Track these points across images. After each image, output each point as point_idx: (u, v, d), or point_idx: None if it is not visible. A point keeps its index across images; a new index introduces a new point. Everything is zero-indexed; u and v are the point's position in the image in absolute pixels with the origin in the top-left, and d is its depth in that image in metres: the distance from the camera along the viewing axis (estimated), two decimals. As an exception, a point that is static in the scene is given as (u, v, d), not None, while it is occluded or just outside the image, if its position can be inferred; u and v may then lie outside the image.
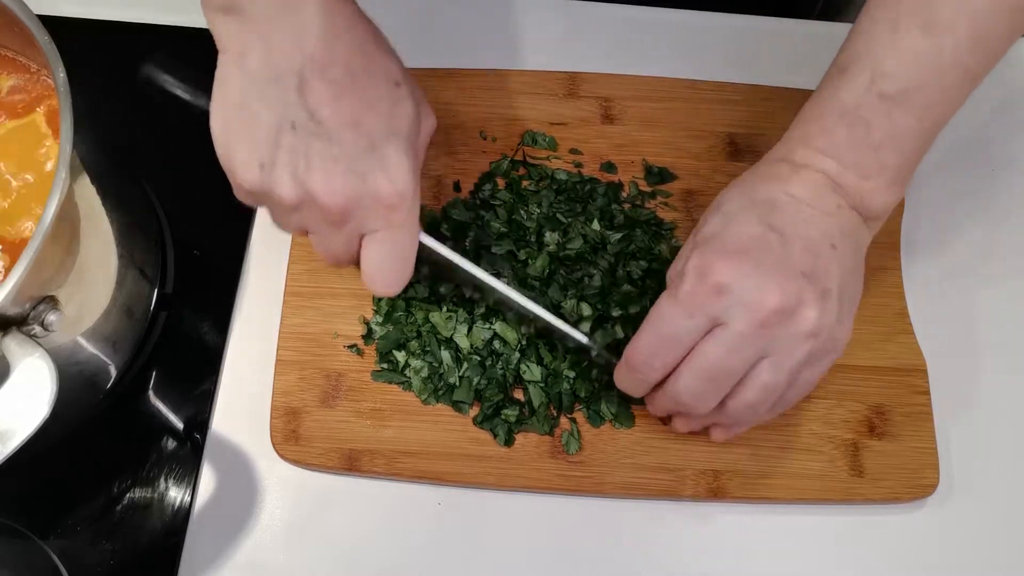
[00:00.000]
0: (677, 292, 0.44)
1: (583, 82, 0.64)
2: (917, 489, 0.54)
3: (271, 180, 0.43)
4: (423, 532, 0.53)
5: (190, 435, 0.55)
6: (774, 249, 0.44)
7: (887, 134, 0.45)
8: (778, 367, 0.44)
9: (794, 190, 0.46)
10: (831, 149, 0.46)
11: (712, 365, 0.44)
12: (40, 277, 0.43)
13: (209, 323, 0.58)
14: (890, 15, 0.44)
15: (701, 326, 0.44)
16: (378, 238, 0.46)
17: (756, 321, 0.43)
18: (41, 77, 0.52)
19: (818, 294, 0.44)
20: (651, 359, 0.46)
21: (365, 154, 0.43)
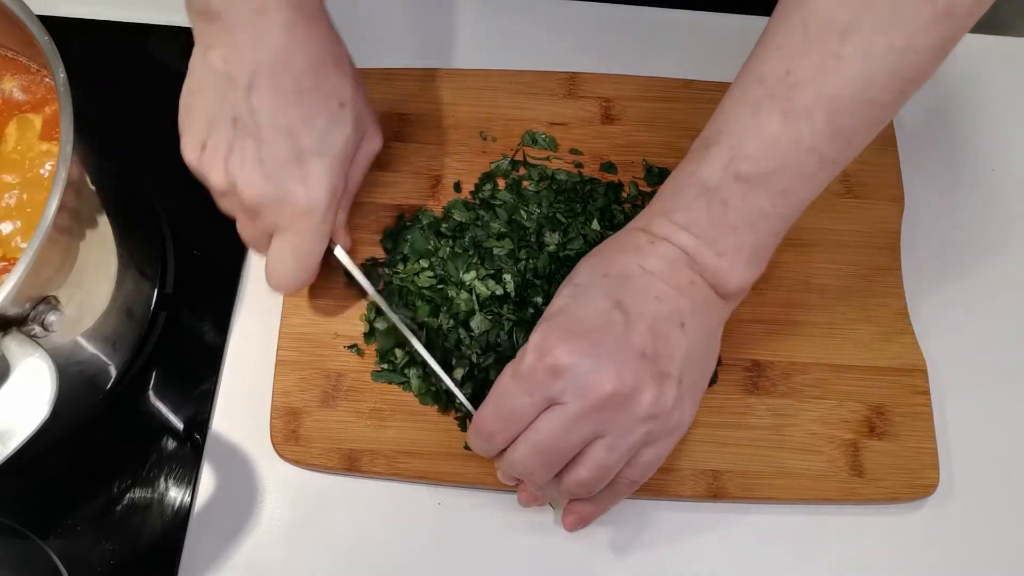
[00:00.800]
0: (518, 368, 0.44)
1: (583, 82, 0.64)
2: (917, 489, 0.54)
3: (207, 163, 0.49)
4: (423, 532, 0.53)
5: (190, 435, 0.55)
6: (616, 330, 0.43)
7: (743, 216, 0.45)
8: (612, 447, 0.44)
9: (649, 264, 0.45)
10: (690, 225, 0.45)
11: (544, 441, 0.44)
12: (40, 277, 0.43)
13: (209, 323, 0.58)
14: (753, 96, 0.44)
15: (538, 403, 0.44)
16: (283, 237, 0.50)
17: (589, 404, 0.43)
18: (41, 78, 0.52)
19: (657, 377, 0.43)
20: (494, 431, 0.46)
21: (290, 163, 0.48)
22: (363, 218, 0.59)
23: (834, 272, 0.58)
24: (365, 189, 0.60)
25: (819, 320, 0.57)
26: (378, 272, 0.57)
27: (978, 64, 0.67)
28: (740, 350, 0.56)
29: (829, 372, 0.56)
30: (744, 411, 0.55)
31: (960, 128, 0.65)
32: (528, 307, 0.55)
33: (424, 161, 0.61)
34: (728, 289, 0.46)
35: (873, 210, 0.60)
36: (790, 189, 0.44)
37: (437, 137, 0.62)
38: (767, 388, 0.56)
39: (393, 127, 0.62)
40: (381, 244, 0.58)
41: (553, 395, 0.43)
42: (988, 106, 0.66)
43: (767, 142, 0.43)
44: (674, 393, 0.44)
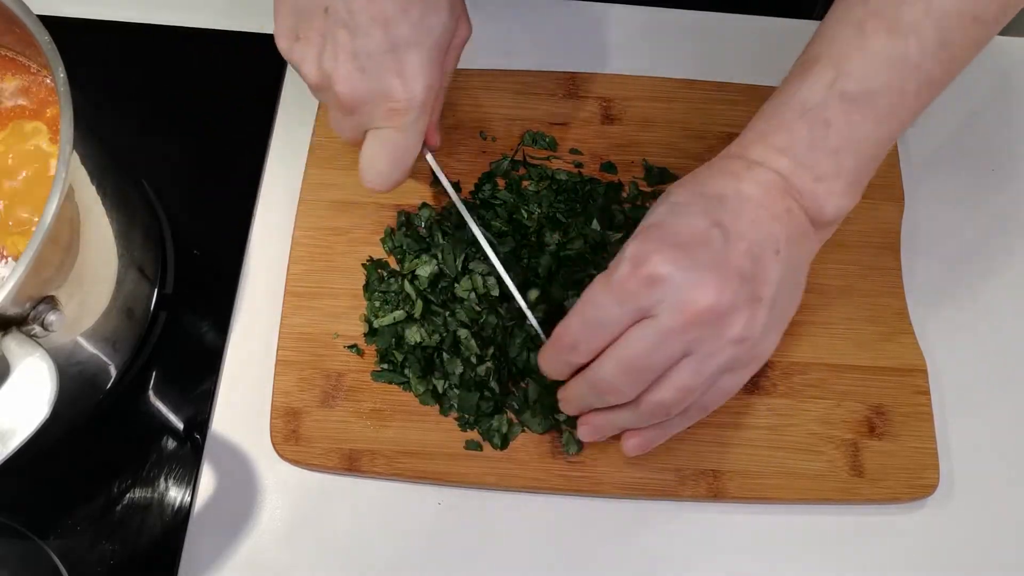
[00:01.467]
0: (610, 277, 0.43)
1: (583, 82, 0.64)
2: (917, 489, 0.54)
3: (299, 55, 0.47)
4: (423, 532, 0.53)
5: (190, 435, 0.55)
6: (715, 246, 0.42)
7: (846, 136, 0.44)
8: (699, 369, 0.43)
9: (745, 188, 0.44)
10: (788, 147, 0.44)
11: (634, 356, 0.43)
12: (40, 277, 0.43)
13: (209, 323, 0.58)
14: (856, 15, 0.44)
15: (630, 315, 0.43)
16: (378, 134, 0.48)
17: (684, 318, 0.42)
18: (42, 78, 0.52)
19: (752, 300, 0.43)
20: (578, 342, 0.44)
21: (386, 55, 0.45)
22: (363, 218, 0.59)
23: (834, 272, 0.58)
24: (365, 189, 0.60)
25: (819, 320, 0.57)
26: (457, 185, 0.56)
27: (979, 64, 0.67)
28: (740, 350, 0.56)
29: (829, 372, 0.56)
30: (744, 411, 0.55)
31: (961, 128, 0.65)
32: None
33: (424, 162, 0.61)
34: (824, 217, 0.45)
35: (873, 210, 0.60)
36: (894, 109, 0.44)
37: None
38: (767, 388, 0.55)
39: None
40: (381, 243, 0.58)
41: (647, 306, 0.42)
42: (989, 106, 0.66)
43: (873, 59, 0.43)
44: (765, 319, 0.43)
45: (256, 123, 0.64)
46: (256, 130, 0.64)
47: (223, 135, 0.64)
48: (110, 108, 0.61)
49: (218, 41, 0.66)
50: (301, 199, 0.60)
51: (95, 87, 0.51)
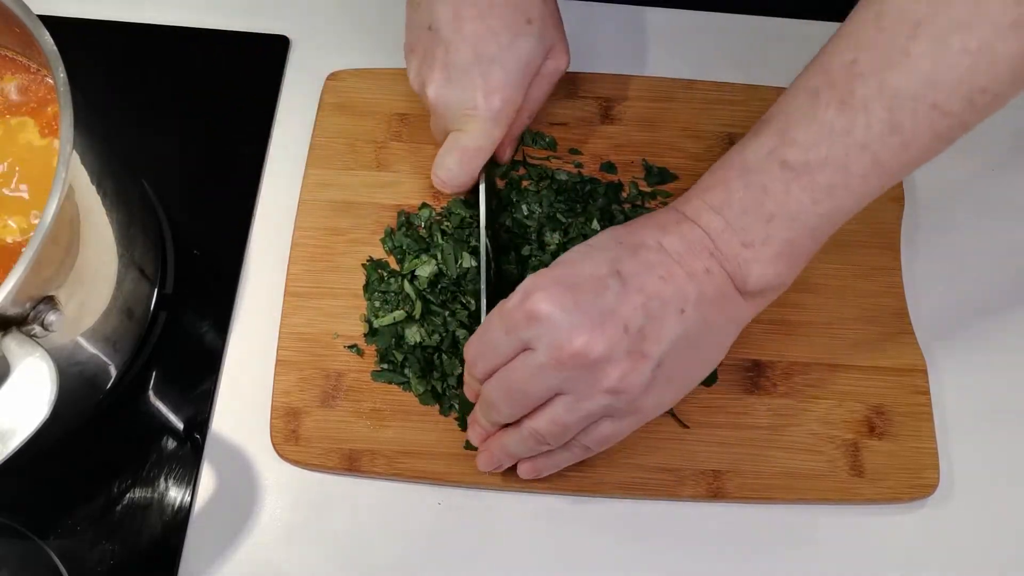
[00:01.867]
0: (504, 305, 0.45)
1: (583, 82, 0.64)
2: (917, 489, 0.54)
3: (408, 62, 0.56)
4: (423, 532, 0.53)
5: (190, 435, 0.55)
6: (606, 296, 0.43)
7: (781, 206, 0.43)
8: (571, 408, 0.44)
9: (667, 242, 0.44)
10: (723, 207, 0.44)
11: (513, 381, 0.45)
12: (40, 277, 0.43)
13: (209, 323, 0.58)
14: (814, 84, 0.43)
15: (514, 343, 0.44)
16: (454, 135, 0.55)
17: (556, 358, 0.43)
18: (42, 78, 0.52)
19: (633, 355, 0.43)
20: (475, 359, 0.47)
21: (471, 69, 0.52)
22: (363, 218, 0.59)
23: (834, 272, 0.58)
24: (365, 189, 0.60)
25: (819, 320, 0.57)
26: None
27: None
28: (740, 350, 0.56)
29: (829, 372, 0.56)
30: (744, 411, 0.55)
31: (960, 128, 0.65)
32: None
33: (424, 161, 0.61)
34: (748, 284, 0.45)
35: (873, 210, 0.59)
36: (836, 187, 0.42)
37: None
38: (767, 388, 0.56)
39: (393, 127, 0.62)
40: (381, 244, 0.58)
41: (527, 339, 0.44)
42: (988, 106, 0.66)
43: (819, 130, 0.42)
44: (647, 376, 0.43)
45: (256, 123, 0.64)
46: (256, 130, 0.64)
47: (223, 135, 0.64)
48: (110, 108, 0.61)
49: (218, 41, 0.66)
50: (301, 199, 0.60)
51: (95, 87, 0.50)
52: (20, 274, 0.40)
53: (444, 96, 0.53)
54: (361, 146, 0.61)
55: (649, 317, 0.43)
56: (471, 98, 0.52)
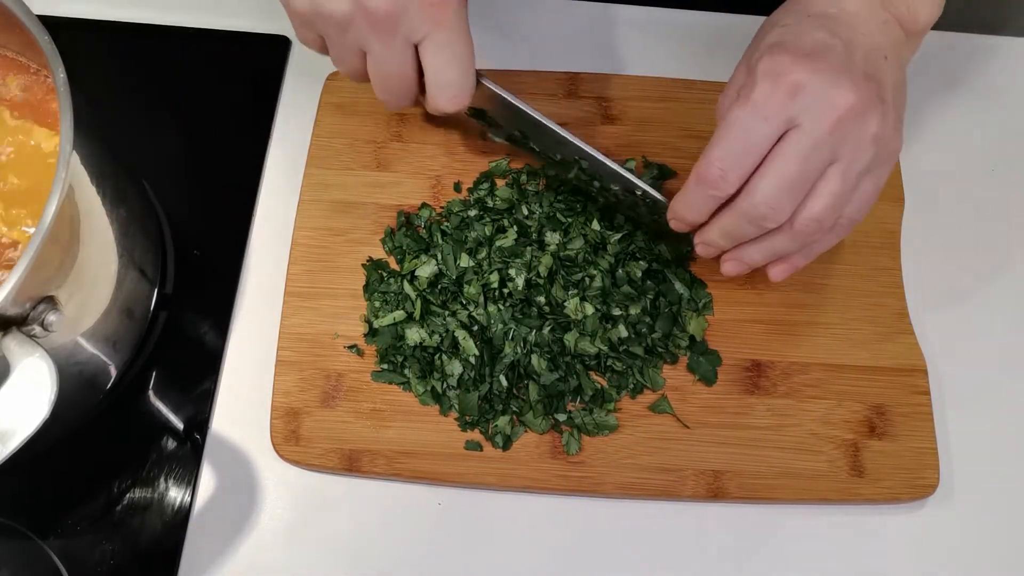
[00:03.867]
0: (750, 97, 0.44)
1: (583, 82, 0.64)
2: (917, 489, 0.54)
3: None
4: (423, 532, 0.53)
5: (190, 435, 0.55)
6: (839, 53, 0.44)
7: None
8: (846, 173, 0.44)
9: (847, 5, 0.47)
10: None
11: (788, 169, 0.44)
12: (40, 277, 0.43)
13: (209, 323, 0.58)
14: None
15: (776, 130, 0.44)
16: (434, 42, 0.47)
17: (830, 121, 0.43)
18: (42, 78, 0.52)
19: (879, 100, 0.44)
20: (726, 171, 0.45)
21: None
22: (363, 218, 0.59)
23: (834, 272, 0.58)
24: (365, 189, 0.60)
25: (819, 320, 0.57)
26: None
27: (978, 63, 0.67)
28: (740, 350, 0.56)
29: (829, 372, 0.56)
30: (744, 411, 0.55)
31: (960, 128, 0.65)
32: (532, 306, 0.56)
33: (424, 161, 0.61)
34: (919, 23, 0.48)
35: (873, 210, 0.59)
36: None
37: (437, 137, 0.62)
38: (767, 388, 0.56)
39: (393, 127, 0.62)
40: (381, 244, 0.58)
41: (792, 115, 0.43)
42: (988, 106, 0.66)
43: None
44: (893, 117, 0.45)
45: (256, 123, 0.64)
46: (256, 130, 0.64)
47: (223, 135, 0.64)
48: (110, 108, 0.61)
49: (218, 41, 0.66)
50: (301, 199, 0.60)
51: (95, 87, 0.50)
52: (20, 274, 0.40)
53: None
54: (361, 146, 0.61)
55: (873, 66, 0.45)
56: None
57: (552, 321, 0.55)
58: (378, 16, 0.45)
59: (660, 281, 0.57)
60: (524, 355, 0.54)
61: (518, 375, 0.54)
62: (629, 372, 0.55)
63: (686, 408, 0.55)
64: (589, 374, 0.55)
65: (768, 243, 0.48)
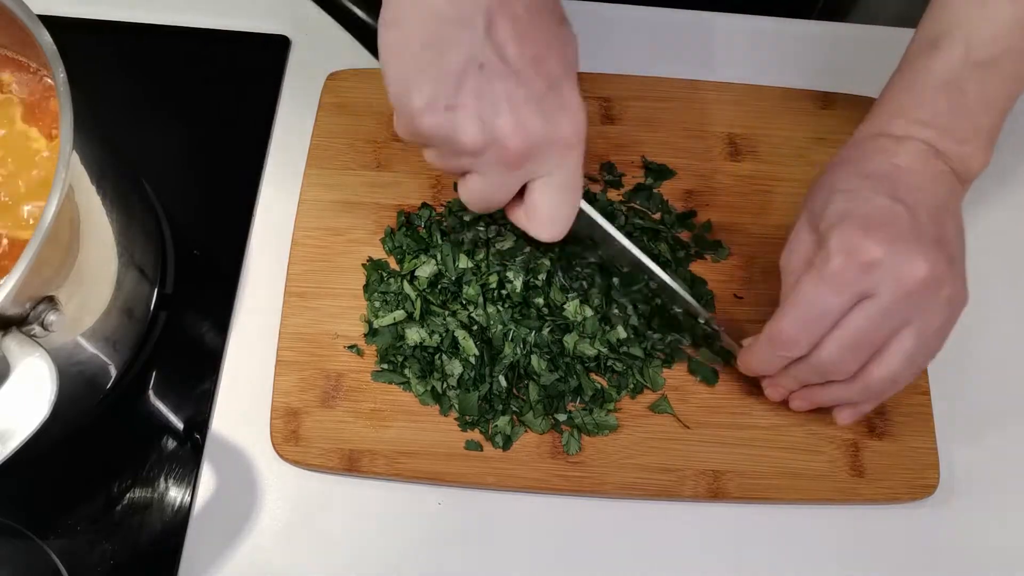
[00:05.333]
0: (824, 271, 0.45)
1: (583, 82, 0.63)
2: (917, 489, 0.54)
3: (456, 123, 0.43)
4: (423, 532, 0.53)
5: (190, 435, 0.55)
6: (905, 220, 0.45)
7: (980, 100, 0.48)
8: (921, 333, 0.46)
9: (901, 161, 0.48)
10: (930, 119, 0.48)
11: (858, 335, 0.46)
12: (40, 277, 0.43)
13: (209, 323, 0.58)
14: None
15: (848, 302, 0.45)
16: (552, 181, 0.46)
17: (904, 292, 0.44)
18: (41, 77, 0.52)
19: (949, 261, 0.46)
20: (798, 338, 0.47)
21: (548, 94, 0.43)
22: (363, 218, 0.59)
23: (834, 272, 0.58)
24: (365, 189, 0.60)
25: (819, 320, 0.57)
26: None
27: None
28: (740, 350, 0.56)
29: (829, 372, 0.56)
30: (744, 411, 0.55)
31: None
32: (530, 308, 0.56)
33: (424, 161, 0.61)
34: (971, 173, 0.49)
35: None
36: (1017, 67, 0.48)
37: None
38: (767, 388, 0.56)
39: (393, 127, 0.62)
40: (381, 244, 0.58)
41: (865, 289, 0.45)
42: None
43: (1000, 26, 0.47)
44: (961, 274, 0.47)
45: (256, 123, 0.64)
46: (256, 130, 0.64)
47: (223, 135, 0.64)
48: (110, 108, 0.61)
49: (218, 41, 0.66)
50: (301, 199, 0.60)
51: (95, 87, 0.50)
52: (20, 274, 0.40)
53: (533, 136, 0.43)
54: (361, 146, 0.61)
55: (938, 224, 0.46)
56: (561, 128, 0.44)
57: (551, 323, 0.55)
58: (512, 154, 0.44)
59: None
60: (524, 355, 0.54)
61: (518, 375, 0.54)
62: (629, 372, 0.55)
63: (686, 408, 0.55)
64: (589, 374, 0.55)
65: (835, 392, 0.50)
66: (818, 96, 0.64)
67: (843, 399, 0.50)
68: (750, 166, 0.61)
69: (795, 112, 0.63)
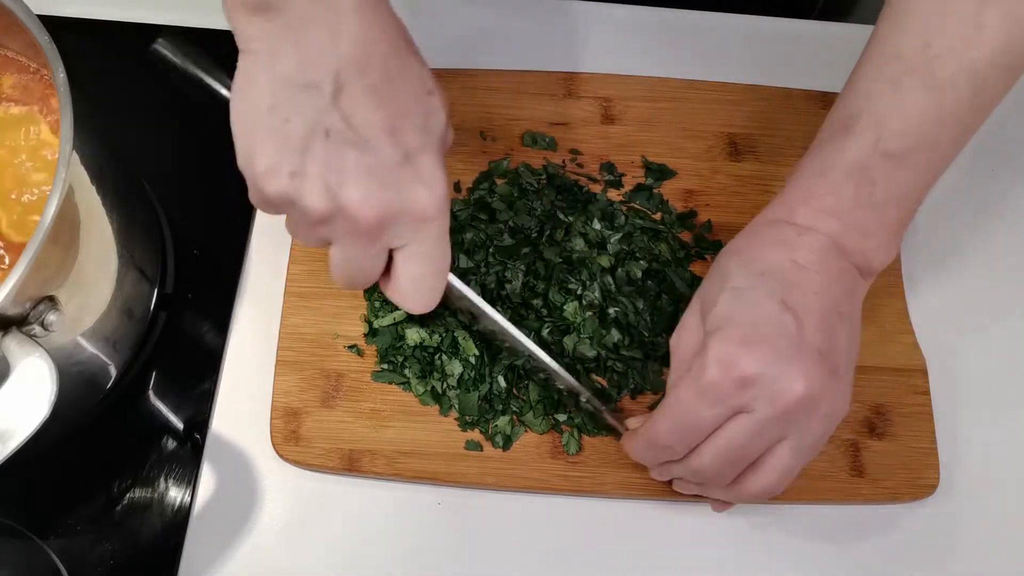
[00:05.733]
0: (699, 382, 0.44)
1: (583, 82, 0.64)
2: (917, 489, 0.54)
3: (301, 190, 0.41)
4: (423, 532, 0.53)
5: (190, 435, 0.55)
6: (790, 331, 0.43)
7: (890, 192, 0.45)
8: (798, 449, 0.45)
9: (800, 257, 0.45)
10: (836, 209, 0.46)
11: (732, 448, 0.44)
12: (40, 277, 0.43)
13: (209, 323, 0.58)
14: (892, 72, 0.45)
15: (723, 415, 0.44)
16: (412, 251, 0.45)
17: (780, 409, 0.43)
18: (41, 77, 0.52)
19: (831, 375, 0.44)
20: (672, 443, 0.46)
21: (401, 165, 0.42)
22: (363, 218, 0.59)
23: (834, 272, 0.58)
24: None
25: (819, 320, 0.57)
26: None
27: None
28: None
29: (829, 372, 0.56)
30: (744, 411, 0.55)
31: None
32: (530, 309, 0.56)
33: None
34: (873, 269, 0.47)
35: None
36: (933, 160, 0.46)
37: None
38: (767, 388, 0.55)
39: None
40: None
41: (740, 404, 0.43)
42: (988, 106, 0.66)
43: (912, 117, 0.45)
44: (844, 386, 0.45)
45: (256, 123, 0.64)
46: (256, 130, 0.63)
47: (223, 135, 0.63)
48: (110, 108, 0.61)
49: (218, 41, 0.66)
50: (301, 199, 0.60)
51: (95, 87, 0.50)
52: (20, 274, 0.40)
53: (383, 209, 0.42)
54: (361, 146, 0.61)
55: (826, 334, 0.44)
56: (417, 199, 0.42)
57: (551, 323, 0.55)
58: (362, 225, 0.42)
59: (660, 280, 0.57)
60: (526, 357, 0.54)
61: (517, 375, 0.54)
62: (629, 373, 0.55)
63: (686, 408, 0.55)
64: (590, 375, 0.55)
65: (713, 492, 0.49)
66: (818, 96, 0.64)
67: (720, 498, 0.49)
68: (750, 166, 0.61)
69: (795, 112, 0.63)
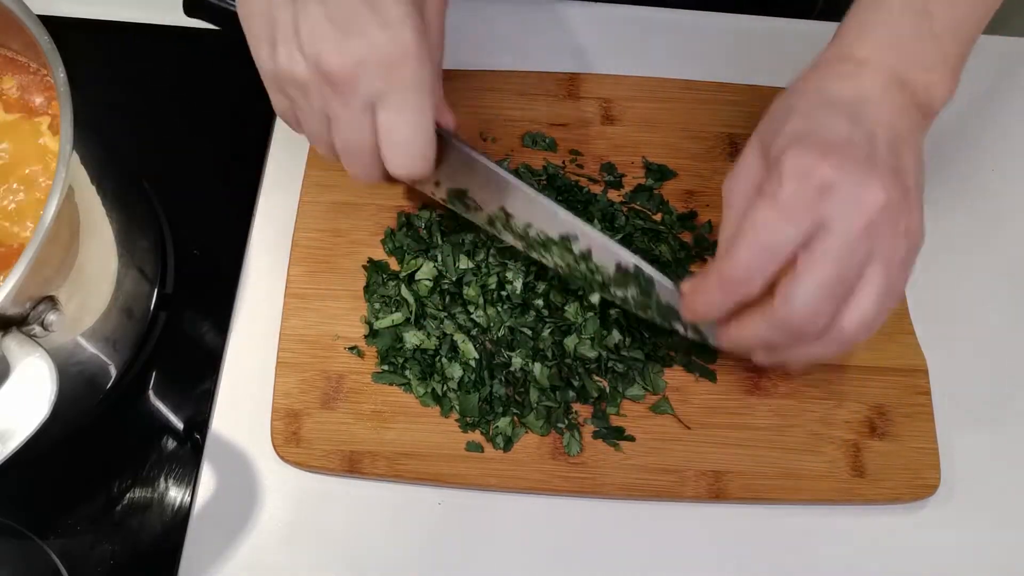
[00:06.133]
0: (777, 197, 0.41)
1: (583, 83, 0.64)
2: (918, 489, 0.54)
3: (281, 57, 0.43)
4: (423, 532, 0.53)
5: (190, 435, 0.55)
6: (863, 147, 0.42)
7: (946, 23, 0.45)
8: (887, 269, 0.42)
9: (864, 90, 0.45)
10: (895, 40, 0.45)
11: (828, 276, 0.41)
12: (40, 277, 0.43)
13: (209, 323, 0.58)
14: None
15: (804, 232, 0.41)
16: (388, 103, 0.43)
17: (864, 220, 0.41)
18: (42, 77, 0.52)
19: (905, 192, 0.43)
20: (751, 273, 0.42)
21: (363, 11, 0.41)
22: (363, 219, 0.59)
23: (834, 272, 0.58)
24: (366, 190, 0.60)
25: (820, 320, 0.57)
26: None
27: (978, 64, 0.67)
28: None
29: (830, 372, 0.56)
30: (745, 412, 0.55)
31: (960, 127, 0.65)
32: (530, 310, 0.56)
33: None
34: (934, 106, 0.46)
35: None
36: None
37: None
38: (768, 389, 0.55)
39: None
40: (382, 244, 0.58)
41: (822, 216, 0.41)
42: (988, 105, 0.66)
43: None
44: (919, 211, 0.44)
45: (256, 123, 0.64)
46: (256, 130, 0.64)
47: (223, 135, 0.64)
48: (110, 108, 0.61)
49: (219, 41, 0.66)
50: (301, 200, 0.60)
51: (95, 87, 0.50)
52: (20, 274, 0.40)
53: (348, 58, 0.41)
54: (361, 146, 0.61)
55: (896, 155, 0.43)
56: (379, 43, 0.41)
57: (552, 324, 0.55)
58: (333, 77, 0.42)
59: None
60: (527, 360, 0.54)
61: (517, 379, 0.54)
62: (630, 373, 0.55)
63: (687, 409, 0.55)
64: (591, 376, 0.55)
65: (807, 350, 0.45)
66: (818, 96, 0.64)
67: (814, 357, 0.45)
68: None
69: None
